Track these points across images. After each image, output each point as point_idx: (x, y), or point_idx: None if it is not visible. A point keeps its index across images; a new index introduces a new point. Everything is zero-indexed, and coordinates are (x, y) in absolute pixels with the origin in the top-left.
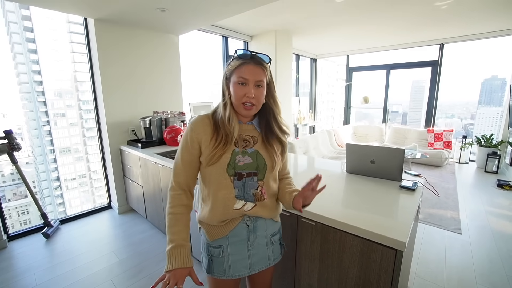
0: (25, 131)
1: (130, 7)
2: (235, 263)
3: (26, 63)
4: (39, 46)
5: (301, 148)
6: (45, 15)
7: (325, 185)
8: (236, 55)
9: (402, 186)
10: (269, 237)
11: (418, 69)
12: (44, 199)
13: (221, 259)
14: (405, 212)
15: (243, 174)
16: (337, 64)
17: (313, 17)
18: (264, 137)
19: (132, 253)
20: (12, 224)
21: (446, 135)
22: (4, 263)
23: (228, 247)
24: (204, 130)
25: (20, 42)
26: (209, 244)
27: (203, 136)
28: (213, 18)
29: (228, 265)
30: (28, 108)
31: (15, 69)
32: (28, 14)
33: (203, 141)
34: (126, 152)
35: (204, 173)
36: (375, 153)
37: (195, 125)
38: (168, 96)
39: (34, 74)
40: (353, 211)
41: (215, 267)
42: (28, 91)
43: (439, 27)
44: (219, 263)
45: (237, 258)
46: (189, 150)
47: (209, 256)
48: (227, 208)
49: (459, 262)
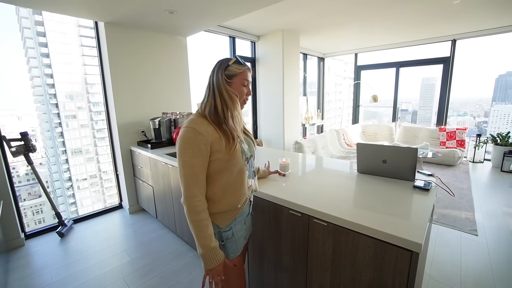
0: (38, 133)
1: (139, 9)
2: (241, 238)
3: (39, 66)
4: (51, 50)
5: (310, 148)
6: (57, 20)
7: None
8: (238, 61)
9: (416, 186)
10: (250, 210)
11: (429, 66)
12: (57, 199)
13: (233, 239)
14: (420, 213)
15: (249, 158)
16: (345, 62)
17: (320, 15)
18: (243, 127)
19: (143, 252)
20: (27, 222)
21: (459, 134)
22: (22, 260)
23: (236, 226)
24: (210, 131)
25: (33, 47)
26: (221, 231)
27: (211, 136)
28: (220, 19)
29: (238, 242)
30: (41, 110)
31: (29, 72)
32: (40, 19)
33: (214, 141)
34: (137, 153)
35: (223, 167)
36: (387, 153)
37: (200, 128)
38: (176, 97)
39: (47, 78)
40: (365, 212)
41: (229, 248)
42: (41, 94)
43: (450, 23)
44: (232, 243)
45: (241, 233)
46: (202, 154)
47: (222, 242)
48: (245, 187)
49: (476, 265)
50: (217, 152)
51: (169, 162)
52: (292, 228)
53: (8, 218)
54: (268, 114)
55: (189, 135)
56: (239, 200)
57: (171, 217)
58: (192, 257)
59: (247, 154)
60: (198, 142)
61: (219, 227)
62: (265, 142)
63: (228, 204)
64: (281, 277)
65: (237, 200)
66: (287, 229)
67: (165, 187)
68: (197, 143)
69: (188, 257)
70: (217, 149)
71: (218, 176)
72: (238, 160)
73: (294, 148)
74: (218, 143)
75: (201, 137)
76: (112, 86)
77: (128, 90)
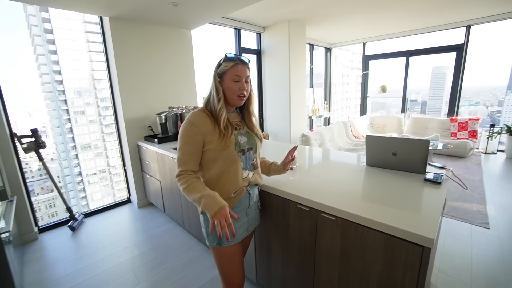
0: (49, 129)
1: (143, 3)
2: (239, 229)
3: (48, 63)
4: (58, 47)
5: (316, 141)
6: (63, 17)
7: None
8: (227, 58)
9: (427, 179)
10: (257, 203)
11: (440, 54)
12: (68, 193)
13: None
14: (431, 207)
15: (245, 150)
16: (352, 53)
17: (327, 3)
18: (247, 121)
19: (152, 246)
20: (41, 216)
21: (472, 124)
22: (36, 253)
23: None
24: (205, 123)
25: (41, 44)
26: None
27: (206, 128)
28: (225, 10)
29: (235, 230)
30: (51, 107)
31: (38, 70)
32: (47, 16)
33: (207, 132)
34: (144, 148)
35: (216, 156)
36: (397, 145)
37: (195, 120)
38: (182, 91)
39: (55, 74)
40: (375, 205)
41: (224, 237)
42: (50, 90)
43: (466, 7)
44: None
45: (240, 223)
46: (193, 143)
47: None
48: (239, 177)
49: (487, 259)
50: (210, 143)
51: (175, 157)
52: (300, 222)
53: (22, 213)
54: (274, 107)
55: (185, 126)
56: (231, 188)
57: (178, 211)
58: (200, 251)
59: (244, 146)
60: (191, 133)
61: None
62: (271, 135)
63: (221, 192)
64: (288, 271)
65: (230, 189)
66: (295, 223)
67: (172, 181)
68: (191, 133)
69: (196, 251)
70: (209, 140)
71: (212, 165)
72: (230, 151)
73: (301, 141)
74: (211, 134)
75: (194, 128)
76: (119, 81)
77: (134, 85)
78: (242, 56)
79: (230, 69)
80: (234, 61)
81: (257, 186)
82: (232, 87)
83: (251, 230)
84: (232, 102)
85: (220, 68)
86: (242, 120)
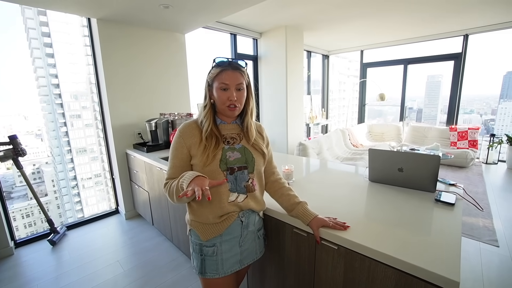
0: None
1: (132, 4)
2: (228, 260)
3: (44, 67)
4: (55, 51)
5: (314, 149)
6: (61, 20)
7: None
8: (215, 63)
9: (438, 199)
10: (256, 232)
11: (434, 63)
12: (63, 198)
13: (215, 258)
14: (448, 235)
15: (234, 168)
16: (349, 60)
17: (325, 10)
18: (247, 134)
19: (138, 263)
20: (34, 221)
21: (471, 134)
22: (9, 272)
23: (222, 245)
24: (192, 134)
25: (38, 47)
26: (202, 244)
27: (191, 140)
28: (219, 14)
29: (222, 263)
30: (47, 110)
31: (35, 73)
32: (45, 20)
33: (192, 144)
34: (132, 156)
35: (200, 172)
36: (404, 160)
37: (183, 131)
38: (175, 97)
39: (52, 78)
40: (382, 231)
41: (208, 266)
42: (46, 94)
43: (464, 16)
44: (212, 262)
45: (230, 255)
46: (179, 156)
47: (201, 257)
48: (223, 201)
49: (501, 281)
50: (195, 157)
51: (164, 168)
52: (297, 248)
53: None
54: (271, 114)
55: (175, 137)
56: (214, 213)
57: (167, 224)
58: (188, 269)
59: (233, 164)
60: (178, 145)
61: (200, 239)
62: None
63: (203, 216)
64: None
65: (212, 213)
66: (291, 249)
67: (160, 193)
68: (177, 146)
69: (185, 270)
70: (194, 153)
71: None
72: (212, 168)
73: (298, 150)
74: (196, 147)
75: (180, 140)
76: (106, 86)
77: (123, 90)
78: (237, 60)
79: (218, 76)
80: (222, 67)
81: (255, 213)
82: (220, 96)
83: (247, 264)
84: (223, 112)
85: (209, 75)
86: (241, 133)
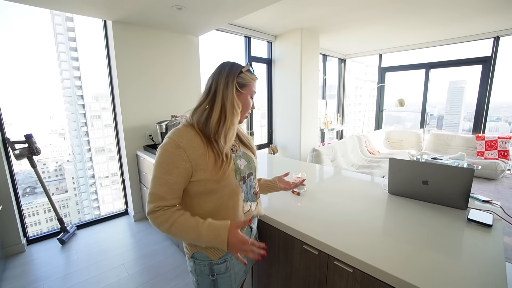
0: (67, 132)
1: (146, 5)
2: (239, 273)
3: (69, 69)
4: (80, 54)
5: (328, 156)
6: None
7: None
8: (249, 70)
9: (472, 219)
10: (256, 236)
11: (457, 68)
12: (81, 195)
13: (228, 274)
14: (487, 262)
15: (245, 177)
16: (366, 65)
17: (340, 11)
18: (242, 138)
19: (143, 267)
20: (55, 216)
21: (502, 143)
22: (19, 269)
23: (233, 258)
24: (195, 144)
25: (64, 51)
26: (212, 263)
27: (195, 152)
28: (232, 16)
29: (234, 277)
30: (70, 110)
31: (60, 75)
32: (72, 25)
33: (198, 157)
34: (142, 158)
35: (210, 189)
36: (430, 172)
37: (182, 140)
38: (187, 99)
39: (75, 80)
40: (406, 255)
41: (220, 285)
42: (70, 95)
43: (495, 16)
44: (226, 279)
45: (240, 266)
46: (177, 171)
47: (213, 278)
48: (239, 213)
49: None
50: (202, 171)
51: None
52: (306, 266)
53: (9, 223)
54: (285, 118)
55: (168, 147)
56: None
57: None
58: None
59: (244, 173)
60: (175, 158)
61: (210, 259)
62: (280, 148)
63: None
64: None
65: None
66: (300, 267)
67: None
68: (175, 159)
69: (188, 277)
70: (202, 167)
71: (205, 199)
72: (230, 181)
73: (312, 156)
74: (204, 159)
75: (180, 152)
76: (119, 87)
77: (136, 91)
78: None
79: (252, 84)
80: (255, 76)
81: (257, 217)
82: (248, 104)
83: (249, 270)
84: (239, 120)
85: (242, 78)
86: (237, 139)
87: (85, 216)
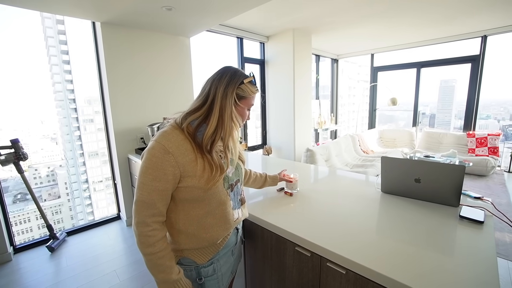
0: (59, 136)
1: (135, 6)
2: (226, 274)
3: (61, 73)
4: (71, 57)
5: (322, 156)
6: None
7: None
8: (255, 82)
9: (463, 216)
10: (241, 236)
11: (448, 67)
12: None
13: (215, 276)
14: (480, 260)
15: (233, 184)
16: (359, 65)
17: (332, 12)
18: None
19: (134, 274)
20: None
21: (491, 140)
22: (5, 279)
23: (220, 259)
24: (184, 149)
25: (55, 54)
26: (199, 266)
27: (184, 158)
28: (223, 15)
29: (222, 279)
30: (62, 114)
31: (51, 79)
32: (63, 28)
33: (187, 163)
34: (133, 161)
35: (197, 197)
36: (422, 170)
37: (171, 145)
38: (179, 102)
39: (67, 83)
40: (399, 254)
41: (209, 287)
42: (62, 99)
43: (482, 16)
44: (214, 281)
45: (227, 267)
46: (166, 179)
47: (201, 281)
48: (229, 222)
49: None
50: (190, 178)
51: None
52: (299, 268)
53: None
54: (278, 119)
55: (155, 153)
56: (218, 236)
57: None
58: None
59: (232, 180)
60: (164, 164)
61: (196, 263)
62: (274, 149)
63: (205, 240)
64: None
65: (216, 236)
66: (293, 269)
67: None
68: (163, 165)
69: None
70: (190, 174)
71: (191, 206)
72: (218, 190)
73: (306, 156)
74: (192, 166)
75: (169, 158)
76: (109, 89)
77: (126, 93)
78: None
79: (251, 97)
80: (256, 89)
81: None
82: (244, 115)
83: (235, 271)
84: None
85: (243, 90)
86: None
87: (79, 222)
